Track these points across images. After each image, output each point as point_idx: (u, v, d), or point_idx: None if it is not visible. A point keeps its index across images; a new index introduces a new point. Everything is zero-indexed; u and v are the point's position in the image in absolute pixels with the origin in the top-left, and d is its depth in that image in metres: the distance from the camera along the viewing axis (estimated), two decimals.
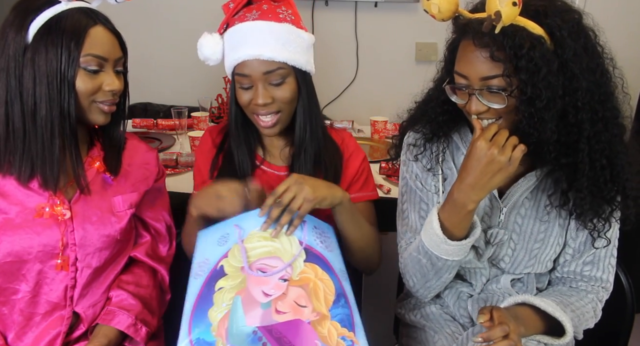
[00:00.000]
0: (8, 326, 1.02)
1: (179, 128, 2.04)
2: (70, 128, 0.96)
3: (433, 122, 1.06)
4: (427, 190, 1.11)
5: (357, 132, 2.20)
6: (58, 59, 0.92)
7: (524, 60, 0.83)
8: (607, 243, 1.02)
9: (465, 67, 0.91)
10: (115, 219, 1.06)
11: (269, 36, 1.05)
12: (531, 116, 0.86)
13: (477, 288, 1.12)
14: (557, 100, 0.86)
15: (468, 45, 0.90)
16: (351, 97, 2.62)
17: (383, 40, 2.53)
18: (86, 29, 0.94)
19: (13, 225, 0.97)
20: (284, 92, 1.07)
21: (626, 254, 1.10)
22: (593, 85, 0.88)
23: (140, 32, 2.57)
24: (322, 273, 0.91)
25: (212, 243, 0.96)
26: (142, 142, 1.18)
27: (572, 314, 0.99)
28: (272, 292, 0.86)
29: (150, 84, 2.65)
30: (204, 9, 2.43)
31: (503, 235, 1.05)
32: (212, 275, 0.89)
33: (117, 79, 0.99)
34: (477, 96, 0.90)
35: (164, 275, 1.18)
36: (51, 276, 1.01)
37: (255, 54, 1.04)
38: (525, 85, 0.85)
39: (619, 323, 1.19)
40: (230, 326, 0.81)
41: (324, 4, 2.48)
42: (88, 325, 1.06)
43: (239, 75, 1.07)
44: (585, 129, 0.89)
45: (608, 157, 0.91)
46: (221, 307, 0.83)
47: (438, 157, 1.09)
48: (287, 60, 1.05)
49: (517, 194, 1.03)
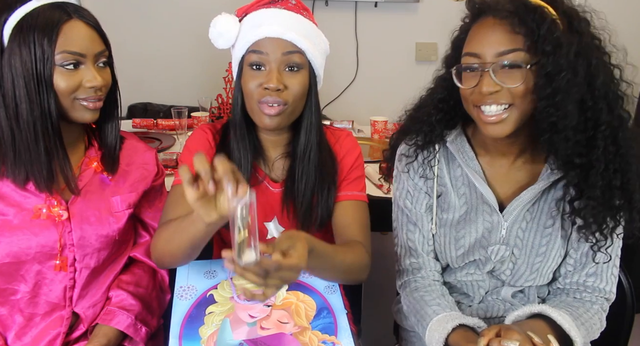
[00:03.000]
0: (8, 326, 1.02)
1: (179, 128, 2.04)
2: (52, 128, 0.94)
3: (426, 125, 1.03)
4: (417, 211, 1.08)
5: (357, 132, 2.20)
6: (32, 59, 0.90)
7: (547, 33, 0.82)
8: (608, 259, 0.99)
9: (479, 45, 0.88)
10: (113, 219, 1.06)
11: (294, 23, 1.02)
12: (551, 96, 0.83)
13: (475, 300, 1.09)
14: (578, 81, 0.84)
15: (485, 22, 0.88)
16: (351, 97, 2.62)
17: (383, 40, 2.53)
18: (59, 24, 0.91)
19: (11, 226, 0.97)
20: (297, 82, 1.02)
21: (626, 254, 1.10)
22: (609, 79, 0.88)
23: (141, 32, 2.57)
24: (303, 296, 0.98)
25: (197, 273, 1.03)
26: (141, 142, 1.18)
27: (582, 327, 0.95)
28: (257, 315, 0.93)
29: (150, 84, 2.65)
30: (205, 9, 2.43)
31: (505, 252, 1.02)
32: (201, 301, 0.97)
33: (98, 74, 0.96)
34: (490, 73, 0.86)
35: (164, 275, 1.17)
36: (50, 277, 1.01)
37: (279, 31, 0.99)
38: (546, 59, 0.82)
39: (619, 323, 1.19)
40: (219, 341, 0.88)
41: (324, 4, 2.48)
42: (88, 325, 1.06)
43: (255, 52, 1.01)
44: (603, 123, 0.87)
45: (622, 159, 0.89)
46: (211, 326, 0.91)
47: (431, 162, 1.06)
48: (307, 51, 1.02)
49: (519, 207, 0.99)
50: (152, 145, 1.57)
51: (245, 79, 1.03)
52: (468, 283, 1.09)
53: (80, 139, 1.07)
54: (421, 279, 1.09)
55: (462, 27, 0.97)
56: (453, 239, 1.05)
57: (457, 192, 1.05)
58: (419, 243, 1.10)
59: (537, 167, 1.00)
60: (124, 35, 2.55)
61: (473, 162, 1.02)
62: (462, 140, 1.04)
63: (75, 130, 1.04)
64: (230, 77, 2.08)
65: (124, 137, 1.13)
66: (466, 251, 1.04)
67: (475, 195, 1.03)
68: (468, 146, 1.03)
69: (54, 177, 0.97)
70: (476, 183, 1.01)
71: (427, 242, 1.09)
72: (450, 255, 1.06)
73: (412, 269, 1.11)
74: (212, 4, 2.48)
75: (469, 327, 0.95)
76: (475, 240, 1.03)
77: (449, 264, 1.09)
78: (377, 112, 2.18)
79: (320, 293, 0.99)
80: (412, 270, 1.11)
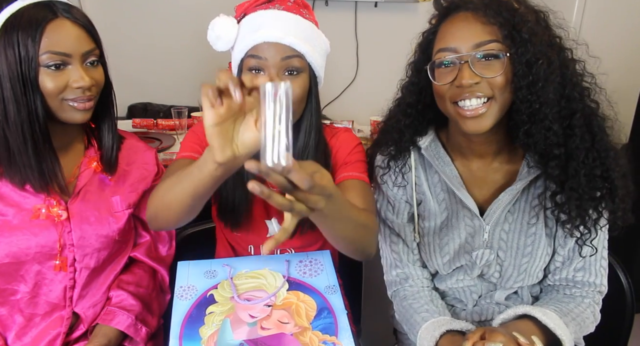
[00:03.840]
0: (8, 326, 1.02)
1: (179, 128, 2.04)
2: (40, 129, 0.93)
3: (395, 132, 1.02)
4: (399, 221, 1.08)
5: (357, 132, 2.20)
6: (16, 60, 0.89)
7: (522, 22, 0.84)
8: (594, 252, 0.98)
9: (454, 39, 0.88)
10: (113, 219, 1.06)
11: (293, 25, 0.99)
12: (531, 84, 0.84)
13: (469, 304, 1.08)
14: (554, 69, 0.85)
15: (457, 17, 0.89)
16: (351, 97, 2.62)
17: (383, 40, 2.53)
18: (43, 24, 0.89)
19: (10, 226, 0.97)
20: (296, 86, 1.00)
21: (626, 254, 1.10)
22: (576, 70, 0.90)
23: (141, 32, 2.57)
24: (303, 296, 0.98)
25: (198, 275, 1.02)
26: (141, 142, 1.18)
27: (572, 322, 0.95)
28: (258, 315, 0.93)
29: (150, 84, 2.65)
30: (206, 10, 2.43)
31: (489, 255, 1.01)
32: (202, 301, 0.96)
33: (87, 74, 0.94)
34: (469, 65, 0.86)
35: (164, 275, 1.18)
36: (50, 277, 1.01)
37: (277, 36, 0.96)
38: (524, 47, 0.83)
39: (619, 323, 1.19)
40: (219, 341, 0.88)
41: (324, 4, 2.48)
42: (88, 325, 1.06)
43: (253, 57, 0.98)
44: (577, 111, 0.88)
45: (599, 146, 0.89)
46: (211, 326, 0.91)
47: (403, 170, 1.05)
48: (307, 54, 0.99)
49: (499, 210, 0.98)
50: (152, 145, 1.57)
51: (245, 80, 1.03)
52: (460, 289, 1.08)
53: (79, 139, 1.07)
54: (409, 287, 1.09)
55: (428, 29, 0.96)
56: (437, 247, 1.05)
57: (437, 198, 1.04)
58: (403, 254, 1.09)
59: (514, 167, 0.99)
60: (124, 35, 2.56)
61: (449, 167, 1.01)
62: (436, 145, 1.03)
63: (74, 130, 1.04)
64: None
65: (124, 137, 1.13)
66: (452, 258, 1.04)
67: (454, 200, 1.02)
68: (443, 151, 1.02)
69: (45, 178, 0.96)
70: (454, 188, 1.00)
71: (412, 252, 1.09)
72: (437, 262, 1.06)
73: (400, 279, 1.11)
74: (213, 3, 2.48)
75: (458, 331, 0.95)
76: (460, 245, 1.03)
77: (438, 271, 1.08)
78: (377, 112, 2.17)
79: (321, 293, 0.99)
80: (400, 280, 1.11)
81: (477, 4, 0.86)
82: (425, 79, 0.96)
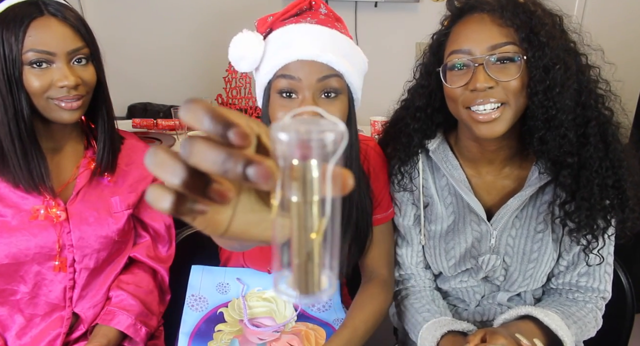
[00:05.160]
0: (8, 326, 1.02)
1: (179, 128, 2.04)
2: (26, 128, 0.92)
3: (404, 136, 1.00)
4: (404, 224, 1.06)
5: None
6: (1, 58, 0.88)
7: (540, 25, 0.81)
8: (601, 261, 0.97)
9: (468, 41, 0.85)
10: (112, 220, 1.06)
11: (330, 41, 0.86)
12: (548, 89, 0.82)
13: (471, 305, 1.08)
14: (571, 74, 0.83)
15: (471, 19, 0.86)
16: None
17: (383, 40, 2.53)
18: (26, 22, 0.87)
19: (9, 227, 0.97)
20: (335, 110, 0.86)
21: (626, 254, 1.09)
22: (594, 75, 0.88)
23: (141, 32, 2.57)
24: (312, 326, 0.98)
25: (210, 286, 1.00)
26: (141, 142, 1.17)
27: (574, 325, 0.94)
28: (267, 338, 0.93)
29: (150, 84, 2.65)
30: (206, 10, 2.44)
31: (495, 261, 0.99)
32: (211, 317, 0.95)
33: (72, 73, 0.92)
34: (484, 67, 0.82)
35: (164, 275, 1.17)
36: (49, 278, 1.01)
37: (313, 53, 0.83)
38: (541, 51, 0.81)
39: (619, 323, 1.19)
40: None
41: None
42: (88, 325, 1.06)
43: (284, 77, 0.84)
44: (592, 119, 0.86)
45: (613, 156, 0.87)
46: (220, 343, 0.91)
47: (412, 174, 1.03)
48: (346, 73, 0.86)
49: (507, 215, 0.96)
50: (152, 145, 1.56)
51: (274, 108, 0.87)
52: (463, 289, 1.07)
53: (77, 140, 1.06)
54: (412, 287, 1.09)
55: (440, 31, 0.94)
56: (443, 250, 1.04)
57: (444, 201, 1.03)
58: (407, 257, 1.09)
59: (524, 173, 0.97)
60: (124, 35, 2.56)
61: (458, 171, 1.00)
62: (445, 148, 1.00)
63: (70, 130, 1.04)
64: (230, 77, 2.08)
65: (124, 137, 1.13)
66: (457, 261, 1.03)
67: (462, 204, 1.01)
68: (451, 154, 1.00)
69: (34, 178, 0.95)
70: (462, 193, 0.98)
71: (417, 255, 1.08)
72: (442, 265, 1.05)
73: (402, 280, 1.11)
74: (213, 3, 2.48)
75: (459, 332, 0.95)
76: (466, 250, 1.02)
77: (442, 272, 1.08)
78: (377, 112, 2.18)
79: (330, 324, 0.99)
80: (402, 281, 1.11)
81: (494, 5, 0.84)
82: (435, 81, 0.93)
